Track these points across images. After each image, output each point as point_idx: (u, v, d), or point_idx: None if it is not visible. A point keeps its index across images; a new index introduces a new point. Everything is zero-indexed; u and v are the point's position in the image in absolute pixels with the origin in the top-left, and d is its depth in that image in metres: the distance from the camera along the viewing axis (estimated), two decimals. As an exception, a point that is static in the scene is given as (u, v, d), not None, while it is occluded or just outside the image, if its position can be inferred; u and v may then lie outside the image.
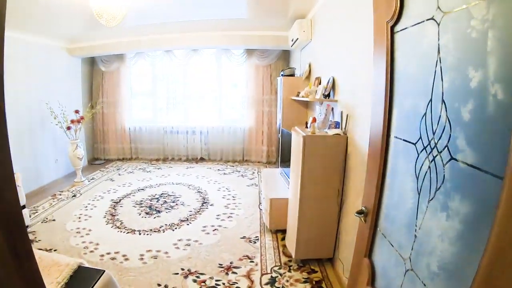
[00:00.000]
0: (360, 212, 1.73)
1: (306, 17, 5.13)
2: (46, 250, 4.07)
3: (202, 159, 8.33)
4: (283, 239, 4.07)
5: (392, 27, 1.45)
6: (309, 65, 5.04)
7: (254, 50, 7.42)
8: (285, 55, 7.52)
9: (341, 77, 3.37)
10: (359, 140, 2.76)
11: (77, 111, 6.67)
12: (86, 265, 2.80)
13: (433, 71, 1.13)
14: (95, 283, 2.50)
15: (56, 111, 6.48)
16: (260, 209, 4.98)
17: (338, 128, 3.21)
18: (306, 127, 3.64)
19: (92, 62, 8.54)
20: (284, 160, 4.76)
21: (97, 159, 8.83)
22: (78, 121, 6.61)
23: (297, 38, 5.11)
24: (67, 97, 7.29)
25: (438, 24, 1.10)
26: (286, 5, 4.91)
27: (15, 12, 4.87)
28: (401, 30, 1.40)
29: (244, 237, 4.19)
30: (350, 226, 2.96)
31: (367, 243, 1.71)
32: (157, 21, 5.83)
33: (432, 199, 1.14)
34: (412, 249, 1.28)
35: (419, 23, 1.24)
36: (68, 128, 6.50)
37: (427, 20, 1.17)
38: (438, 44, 1.10)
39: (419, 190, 1.24)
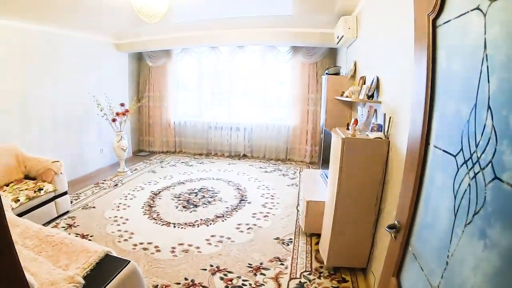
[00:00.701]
0: (391, 227, 1.56)
1: (351, 14, 4.89)
2: (82, 236, 4.20)
3: (244, 156, 8.27)
4: (317, 243, 3.91)
5: (434, 21, 1.27)
6: (354, 64, 4.82)
7: (300, 47, 7.23)
8: (332, 53, 7.27)
9: (386, 77, 3.15)
10: (400, 146, 2.56)
11: (122, 104, 6.82)
12: (114, 254, 2.81)
13: (479, 71, 0.95)
14: (119, 272, 2.53)
15: (103, 104, 6.67)
16: (298, 210, 4.82)
17: (381, 131, 3.00)
18: (348, 128, 3.46)
19: (139, 57, 8.77)
20: (326, 161, 4.57)
21: (142, 151, 9.05)
22: (123, 114, 6.76)
23: (342, 36, 4.89)
24: (114, 91, 7.51)
25: (484, 15, 0.92)
26: (331, 1, 4.71)
27: (65, 11, 5.03)
28: (443, 24, 1.21)
29: (277, 238, 4.06)
30: (386, 237, 2.76)
31: (396, 261, 1.53)
32: (203, 18, 5.82)
33: (469, 223, 0.96)
34: (442, 277, 1.10)
35: (462, 14, 1.05)
36: (114, 120, 6.69)
37: (472, 10, 0.99)
38: (485, 39, 0.92)
39: (455, 211, 1.05)
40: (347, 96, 4.27)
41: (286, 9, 5.25)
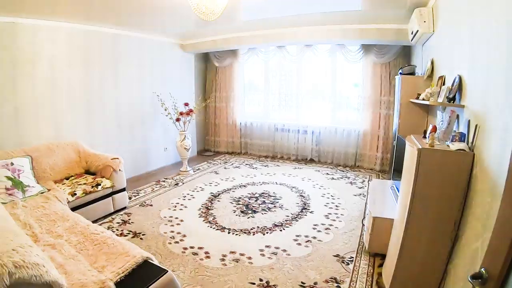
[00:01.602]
0: (476, 276, 1.16)
1: (427, 5, 4.32)
2: (135, 234, 4.17)
3: (311, 160, 7.88)
4: (381, 265, 3.42)
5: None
6: (431, 62, 4.24)
7: (371, 46, 6.68)
8: (406, 52, 6.60)
9: (471, 76, 2.64)
10: (490, 161, 2.06)
11: (186, 104, 6.78)
12: (154, 261, 2.66)
13: None
14: (153, 282, 2.37)
15: (168, 103, 6.73)
16: (363, 225, 4.34)
17: (463, 141, 2.51)
18: (424, 136, 2.99)
19: (206, 58, 8.83)
20: (397, 171, 4.07)
21: (207, 151, 9.08)
22: (187, 114, 6.74)
23: (417, 31, 4.32)
24: (180, 91, 7.59)
25: None
26: None
27: (132, 14, 5.14)
28: None
29: (337, 255, 3.64)
30: (461, 271, 2.28)
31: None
32: (269, 16, 5.58)
33: None
34: None
35: None
36: (178, 119, 6.69)
37: None
38: None
39: None
40: (423, 99, 3.75)
41: (355, 3, 4.83)
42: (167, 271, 2.50)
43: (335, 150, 7.58)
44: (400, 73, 5.03)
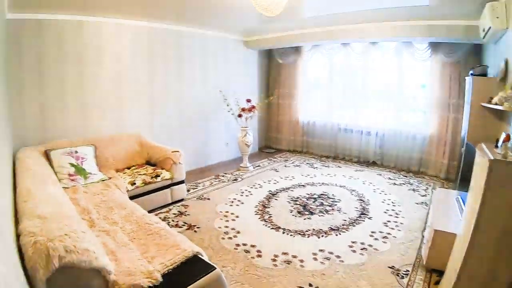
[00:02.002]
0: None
1: None
2: (189, 226, 4.25)
3: (374, 163, 7.54)
4: (437, 283, 3.14)
5: None
6: (505, 62, 3.82)
7: (439, 44, 6.18)
8: (477, 50, 6.00)
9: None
10: None
11: (249, 100, 6.78)
12: (204, 256, 2.66)
13: None
14: (200, 277, 2.36)
15: (230, 99, 6.81)
16: (423, 236, 4.04)
17: (543, 153, 2.25)
18: (496, 146, 2.72)
19: (269, 54, 8.79)
20: (465, 181, 3.74)
21: (268, 148, 9.07)
22: (250, 110, 6.74)
23: (489, 27, 3.90)
24: (242, 87, 7.71)
25: None
26: None
27: (197, 12, 5.31)
28: None
29: (392, 267, 3.40)
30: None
31: None
32: (332, 12, 5.41)
33: None
34: None
35: None
36: (239, 115, 6.73)
37: None
38: None
39: None
40: (496, 104, 3.42)
41: None
42: (215, 268, 2.48)
43: (399, 154, 7.18)
44: (471, 74, 4.62)
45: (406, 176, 6.63)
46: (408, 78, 7.09)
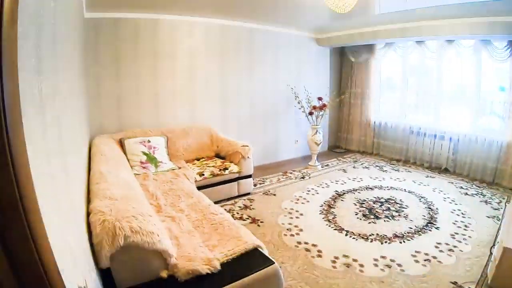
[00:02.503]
0: None
1: None
2: (253, 220, 4.32)
3: (446, 170, 7.02)
4: None
5: None
6: None
7: None
8: None
9: None
10: None
11: (320, 98, 6.69)
12: (264, 250, 2.68)
13: None
14: (258, 270, 2.38)
15: (301, 96, 6.81)
16: (491, 253, 3.69)
17: None
18: None
19: (342, 53, 8.59)
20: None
21: (338, 147, 8.89)
22: (321, 108, 6.65)
23: None
24: (314, 84, 7.56)
25: None
26: None
27: (269, 10, 5.43)
28: None
29: (455, 283, 3.15)
30: None
31: None
32: (405, 8, 5.16)
33: None
34: None
35: None
36: (310, 113, 6.67)
37: None
38: None
39: None
40: None
41: None
42: (274, 262, 2.49)
43: (473, 161, 6.57)
44: None
45: (479, 186, 6.07)
46: (486, 79, 6.47)
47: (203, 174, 4.53)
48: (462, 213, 4.81)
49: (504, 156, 6.10)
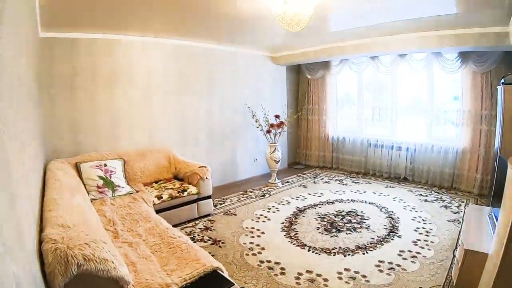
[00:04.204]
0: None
1: None
2: (214, 241, 4.24)
3: (405, 179, 7.31)
4: None
5: None
6: None
7: (469, 53, 5.98)
8: (509, 58, 5.75)
9: None
10: None
11: (277, 116, 6.78)
12: (224, 272, 2.66)
13: None
14: None
15: (259, 115, 6.86)
16: (454, 256, 3.85)
17: None
18: (530, 159, 2.61)
19: (298, 70, 8.84)
20: (498, 197, 3.54)
21: (298, 164, 9.01)
22: (278, 126, 6.73)
23: None
24: (272, 102, 7.74)
25: None
26: None
27: (224, 30, 5.45)
28: None
29: (420, 289, 3.28)
30: None
31: None
32: (358, 25, 5.36)
33: None
34: None
35: None
36: (268, 131, 6.73)
37: None
38: None
39: None
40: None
41: (450, 6, 4.40)
42: (233, 284, 2.48)
43: (431, 169, 6.94)
44: (503, 83, 4.41)
45: (438, 192, 6.37)
46: (439, 90, 6.89)
47: (162, 197, 4.45)
48: (423, 220, 5.00)
49: (460, 161, 6.50)
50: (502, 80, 4.49)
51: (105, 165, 4.54)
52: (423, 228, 4.70)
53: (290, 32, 3.91)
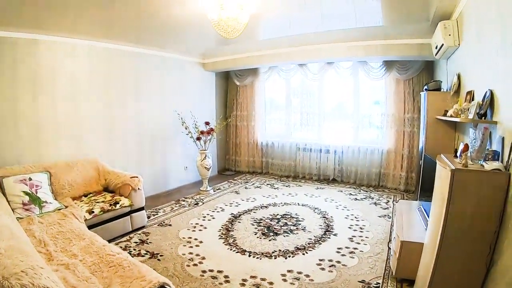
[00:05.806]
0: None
1: (451, 18, 4.16)
2: (152, 254, 4.08)
3: (334, 180, 7.68)
4: None
5: None
6: (458, 77, 4.06)
7: (393, 62, 6.54)
8: (429, 67, 6.42)
9: (503, 90, 2.49)
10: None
11: (207, 123, 6.75)
12: (171, 286, 2.54)
13: None
14: None
15: (188, 122, 6.73)
16: (389, 248, 4.12)
17: (497, 160, 2.35)
18: (456, 155, 2.82)
19: (227, 77, 8.91)
20: (425, 191, 3.86)
21: (228, 170, 9.02)
22: (208, 133, 6.69)
23: (442, 44, 4.16)
24: (201, 109, 7.65)
25: None
26: (426, 5, 4.18)
27: (151, 32, 5.33)
28: None
29: (363, 281, 3.41)
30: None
31: None
32: (288, 34, 5.56)
33: None
34: None
35: None
36: (198, 138, 6.67)
37: None
38: None
39: None
40: (451, 116, 3.57)
41: (377, 19, 4.73)
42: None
43: (358, 170, 7.39)
44: (426, 89, 4.85)
45: (366, 191, 6.82)
46: (364, 96, 7.37)
47: (93, 211, 4.17)
48: (356, 217, 5.30)
49: (385, 161, 7.04)
50: (425, 87, 4.93)
51: (30, 179, 4.11)
52: (357, 225, 4.98)
53: (221, 38, 3.91)
